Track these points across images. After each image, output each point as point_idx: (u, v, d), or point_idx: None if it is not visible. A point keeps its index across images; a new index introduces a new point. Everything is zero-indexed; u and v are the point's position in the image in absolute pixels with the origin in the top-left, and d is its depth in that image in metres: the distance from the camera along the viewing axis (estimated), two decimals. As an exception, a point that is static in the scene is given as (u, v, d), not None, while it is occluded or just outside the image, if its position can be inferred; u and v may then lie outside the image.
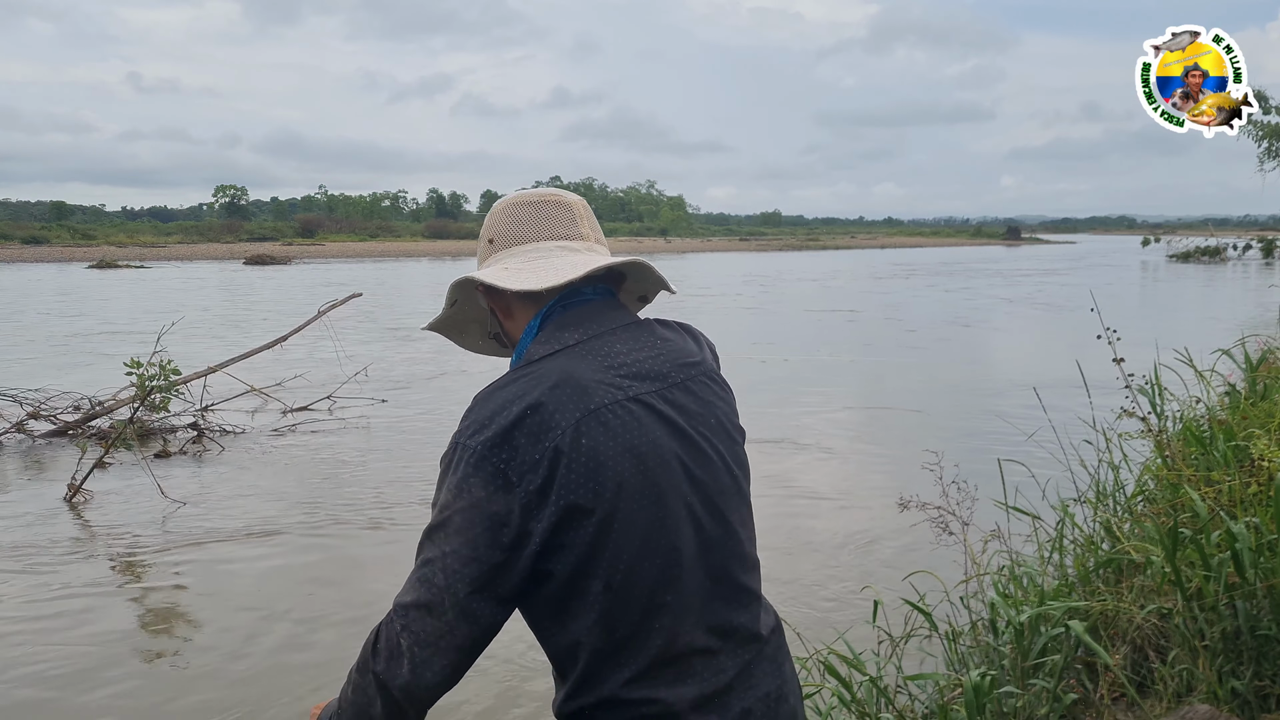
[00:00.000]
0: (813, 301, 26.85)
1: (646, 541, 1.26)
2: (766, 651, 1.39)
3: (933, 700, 3.02)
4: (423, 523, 1.30)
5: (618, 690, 1.27)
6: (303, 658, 4.58)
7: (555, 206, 1.44)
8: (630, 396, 1.30)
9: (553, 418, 1.23)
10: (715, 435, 1.37)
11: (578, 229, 1.45)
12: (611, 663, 1.27)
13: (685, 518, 1.30)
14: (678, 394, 1.35)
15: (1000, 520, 3.81)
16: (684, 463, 1.31)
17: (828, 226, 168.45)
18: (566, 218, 1.44)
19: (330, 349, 12.18)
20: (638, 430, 1.28)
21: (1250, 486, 3.26)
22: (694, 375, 1.40)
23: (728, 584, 1.35)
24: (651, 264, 1.46)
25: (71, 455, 7.83)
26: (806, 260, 60.18)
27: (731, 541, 1.36)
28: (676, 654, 1.28)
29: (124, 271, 43.69)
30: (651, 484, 1.27)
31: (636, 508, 1.25)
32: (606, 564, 1.24)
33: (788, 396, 11.25)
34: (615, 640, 1.27)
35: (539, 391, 1.26)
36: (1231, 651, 2.78)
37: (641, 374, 1.33)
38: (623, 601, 1.26)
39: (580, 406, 1.25)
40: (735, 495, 1.38)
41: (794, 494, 7.22)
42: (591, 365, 1.30)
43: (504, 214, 1.46)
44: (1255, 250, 55.77)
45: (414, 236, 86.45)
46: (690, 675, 1.29)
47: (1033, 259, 59.86)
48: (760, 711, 1.35)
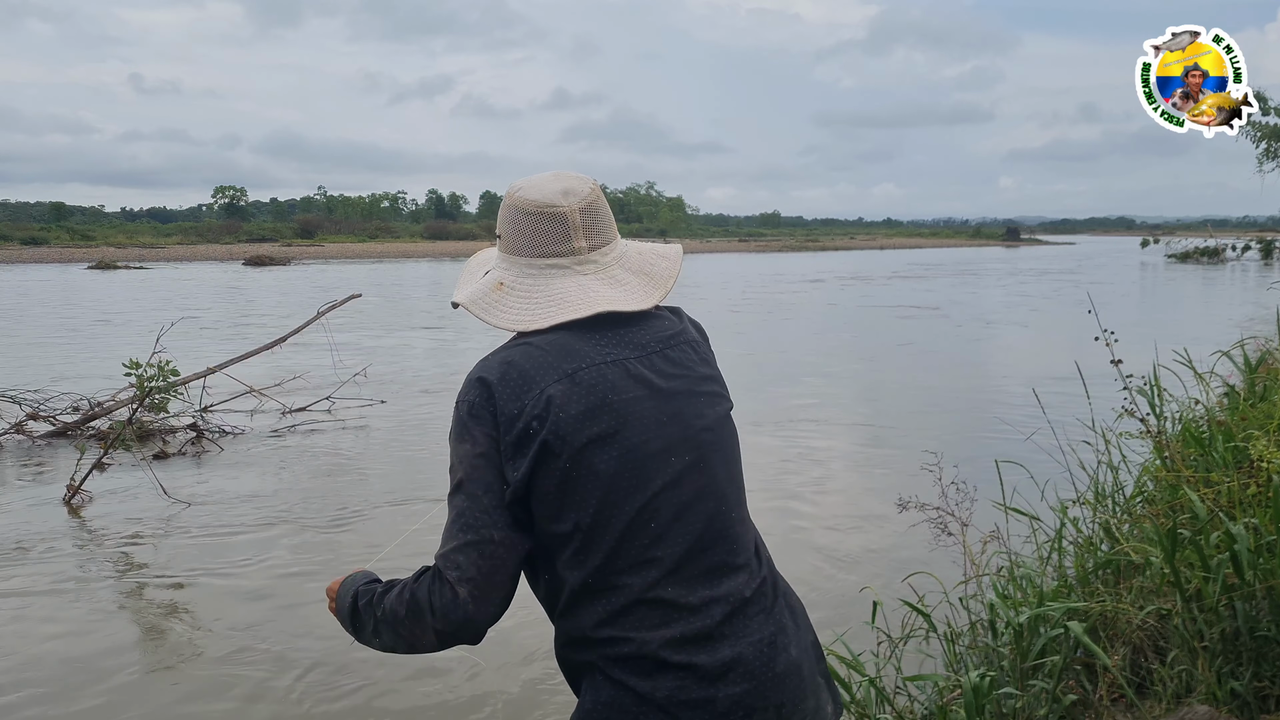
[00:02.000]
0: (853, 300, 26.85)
1: (618, 488, 1.35)
2: (758, 603, 1.42)
3: (932, 701, 3.02)
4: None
5: (592, 630, 1.36)
6: (304, 658, 4.57)
7: (550, 220, 1.45)
8: (609, 360, 1.40)
9: (533, 376, 1.36)
10: (693, 394, 1.45)
11: (570, 244, 1.46)
12: (588, 602, 1.36)
13: (661, 469, 1.38)
14: (656, 359, 1.44)
15: (999, 521, 3.80)
16: (660, 419, 1.39)
17: (827, 227, 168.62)
18: (559, 233, 1.45)
19: (329, 350, 12.18)
20: (611, 388, 1.37)
21: (1249, 488, 3.26)
22: (674, 343, 1.48)
23: (712, 534, 1.41)
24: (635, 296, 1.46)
25: (70, 456, 7.82)
26: (808, 261, 60.17)
27: (713, 494, 1.42)
28: (655, 597, 1.35)
29: (123, 272, 43.67)
30: (624, 434, 1.36)
31: (607, 455, 1.35)
32: (575, 505, 1.34)
33: (788, 397, 11.25)
34: (590, 580, 1.35)
35: (523, 356, 1.38)
36: (1231, 652, 2.78)
37: (624, 343, 1.43)
38: (594, 542, 1.34)
39: (559, 368, 1.37)
40: (715, 449, 1.45)
41: (793, 494, 7.21)
42: (576, 336, 1.40)
43: (507, 215, 1.50)
44: (1254, 251, 55.79)
45: (413, 238, 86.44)
46: (671, 619, 1.35)
47: (1033, 260, 59.89)
48: (752, 657, 1.37)
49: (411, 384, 12.64)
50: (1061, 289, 30.57)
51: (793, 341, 17.45)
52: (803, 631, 1.48)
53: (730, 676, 1.35)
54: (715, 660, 1.34)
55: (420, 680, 4.30)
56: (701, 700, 1.33)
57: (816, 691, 1.45)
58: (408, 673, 4.35)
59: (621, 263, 1.49)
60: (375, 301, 24.81)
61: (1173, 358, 4.97)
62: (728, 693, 1.34)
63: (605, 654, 1.35)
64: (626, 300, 1.44)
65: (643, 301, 1.46)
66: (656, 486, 1.37)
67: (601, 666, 1.36)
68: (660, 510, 1.37)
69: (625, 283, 1.47)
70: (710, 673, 1.34)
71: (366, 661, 4.50)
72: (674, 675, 1.33)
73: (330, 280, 36.14)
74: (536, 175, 1.51)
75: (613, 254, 1.49)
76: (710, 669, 1.34)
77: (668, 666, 1.33)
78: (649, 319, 1.48)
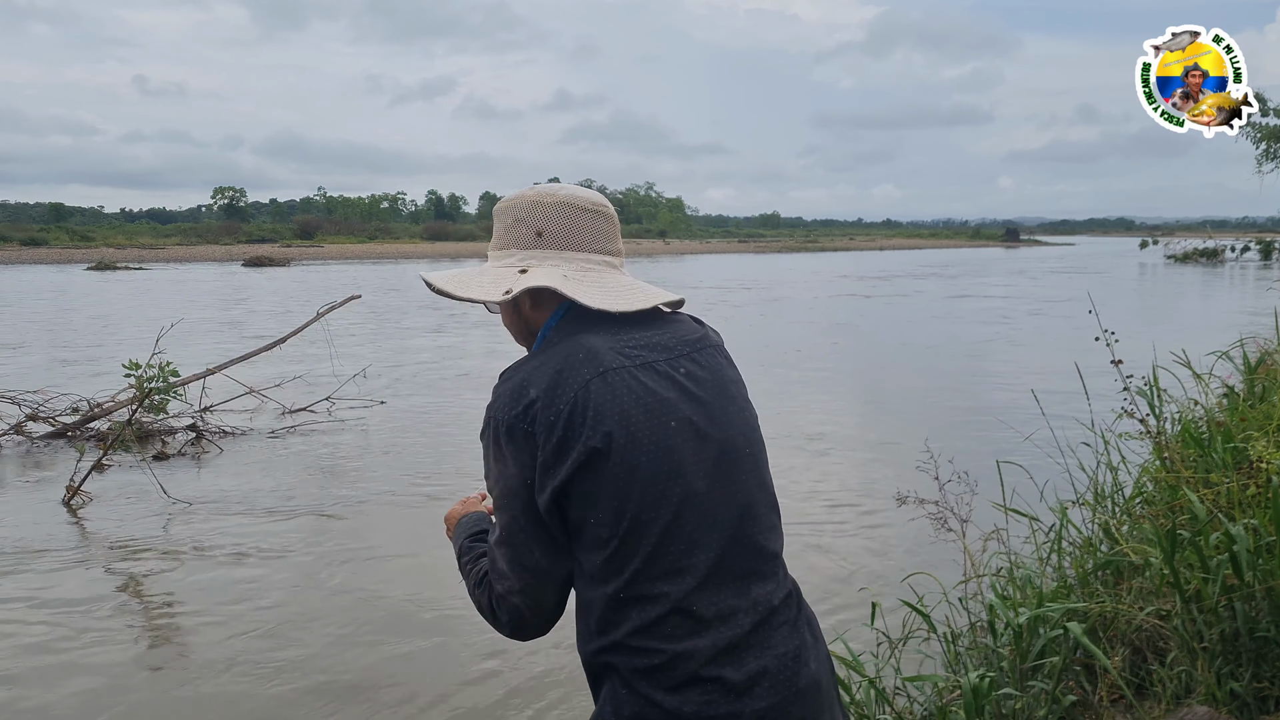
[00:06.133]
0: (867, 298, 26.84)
1: (654, 491, 1.33)
2: (784, 614, 1.42)
3: (931, 702, 3.02)
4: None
5: (625, 638, 1.34)
6: (304, 658, 4.57)
7: (605, 220, 1.50)
8: (639, 364, 1.39)
9: (568, 380, 1.34)
10: (722, 398, 1.45)
11: (618, 244, 1.52)
12: (624, 610, 1.34)
13: (695, 472, 1.36)
14: (684, 363, 1.44)
15: (999, 521, 3.80)
16: (693, 422, 1.39)
17: (826, 228, 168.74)
18: (612, 232, 1.51)
19: (329, 350, 12.18)
20: (645, 390, 1.37)
21: (1249, 488, 3.26)
22: (700, 348, 1.48)
23: (742, 542, 1.40)
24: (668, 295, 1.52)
25: (70, 457, 7.82)
26: (810, 261, 60.18)
27: (744, 500, 1.41)
28: (689, 605, 1.34)
29: (122, 273, 43.67)
30: (660, 438, 1.35)
31: (645, 459, 1.34)
32: (615, 510, 1.33)
33: (787, 398, 11.25)
34: (628, 586, 1.34)
35: (556, 361, 1.37)
36: (1230, 653, 2.78)
37: (650, 346, 1.42)
38: (631, 546, 1.33)
39: (591, 369, 1.35)
40: (747, 455, 1.44)
41: (793, 495, 7.21)
42: (605, 340, 1.40)
43: (559, 212, 1.47)
44: (1253, 252, 55.83)
45: (413, 238, 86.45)
46: (703, 628, 1.34)
47: (1033, 260, 59.88)
48: (777, 670, 1.36)
49: (411, 384, 12.63)
50: (1062, 289, 30.57)
51: (791, 340, 17.44)
52: (820, 645, 1.47)
53: (756, 691, 1.33)
54: (742, 673, 1.33)
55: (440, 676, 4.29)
56: (728, 715, 1.32)
57: (832, 706, 1.44)
58: (415, 668, 4.34)
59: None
60: (375, 302, 24.81)
61: (1171, 358, 4.97)
62: (753, 707, 1.33)
63: (635, 664, 1.33)
64: (667, 295, 1.49)
65: (676, 296, 1.52)
66: (690, 489, 1.36)
67: (627, 676, 1.34)
68: (693, 514, 1.35)
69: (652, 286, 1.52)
70: (737, 686, 1.33)
71: (366, 661, 4.50)
72: (701, 689, 1.32)
73: (329, 281, 36.13)
74: (556, 184, 1.52)
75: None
76: (737, 683, 1.33)
77: (697, 680, 1.32)
78: (673, 323, 1.49)
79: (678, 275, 42.91)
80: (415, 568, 5.72)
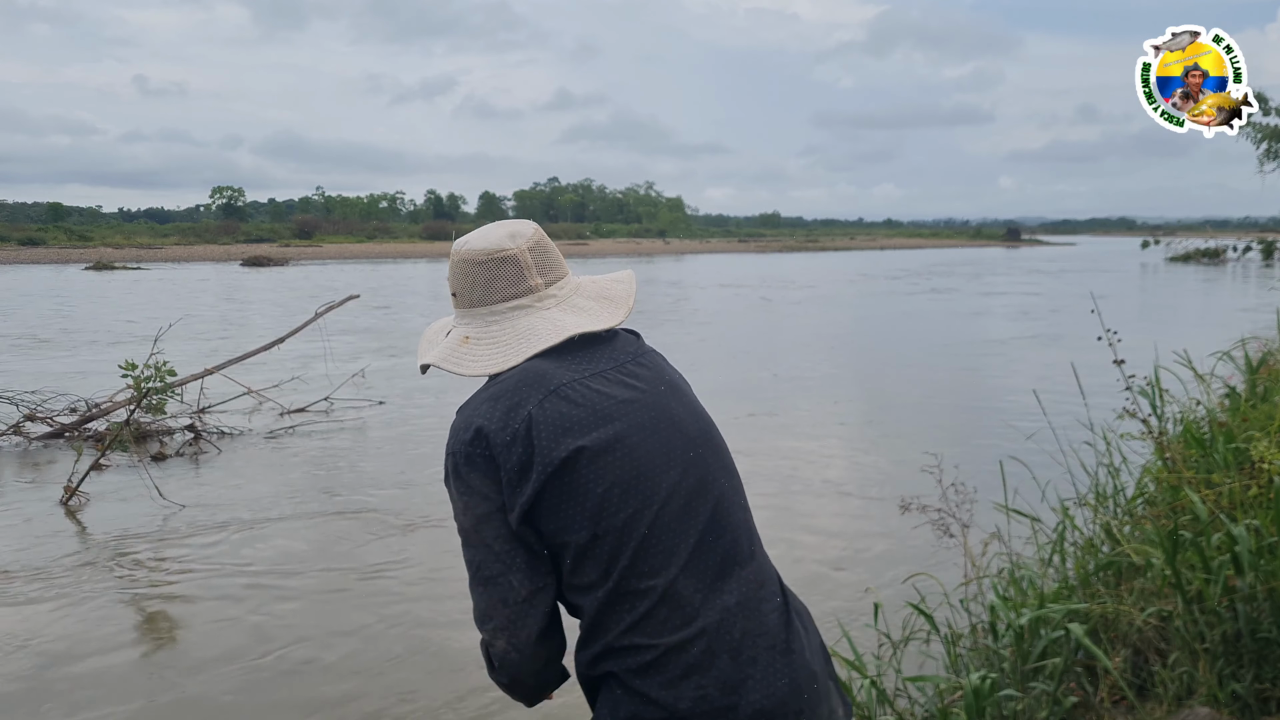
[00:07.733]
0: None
1: (630, 489, 1.37)
2: (770, 600, 1.44)
3: (933, 703, 3.01)
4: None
5: (615, 639, 1.36)
6: (304, 659, 4.56)
7: (501, 265, 1.48)
8: (590, 374, 1.43)
9: (520, 401, 1.38)
10: (674, 393, 1.50)
11: (527, 283, 1.49)
12: (611, 610, 1.37)
13: (660, 465, 1.40)
14: (631, 367, 1.49)
15: (1000, 522, 3.80)
16: (653, 418, 1.43)
17: (827, 228, 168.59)
18: (514, 275, 1.49)
19: (328, 351, 12.17)
20: (601, 397, 1.41)
21: (1250, 489, 3.25)
22: (642, 353, 1.53)
23: (717, 525, 1.43)
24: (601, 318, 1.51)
25: (68, 458, 7.81)
26: (817, 260, 60.21)
27: (715, 489, 1.45)
28: (675, 595, 1.36)
29: (121, 273, 43.64)
30: (621, 437, 1.39)
31: (615, 460, 1.37)
32: (593, 515, 1.35)
33: (787, 398, 11.25)
34: (613, 588, 1.36)
35: (506, 388, 1.40)
36: (1232, 654, 2.77)
37: (595, 358, 1.47)
38: (612, 548, 1.35)
39: (542, 388, 1.39)
40: (709, 444, 1.48)
41: (793, 495, 7.21)
42: (551, 362, 1.43)
43: (460, 271, 1.51)
44: (1255, 252, 55.81)
45: (411, 238, 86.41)
46: (691, 618, 1.36)
47: (1034, 260, 59.91)
48: (765, 661, 1.38)
49: (410, 384, 12.62)
50: (1063, 289, 30.57)
51: (791, 341, 17.43)
52: (811, 634, 1.49)
53: (750, 684, 1.36)
54: (736, 666, 1.36)
55: (435, 677, 4.29)
56: (724, 708, 1.34)
57: (829, 695, 1.46)
58: (415, 668, 4.34)
59: (579, 292, 1.54)
60: (374, 302, 24.79)
61: (1173, 358, 4.96)
62: (749, 699, 1.35)
63: (629, 664, 1.35)
64: (593, 322, 1.49)
65: (609, 320, 1.51)
66: (661, 484, 1.39)
67: (622, 677, 1.36)
68: (668, 506, 1.39)
69: (587, 309, 1.52)
70: (731, 680, 1.35)
71: (365, 662, 4.49)
72: (695, 682, 1.34)
73: (328, 281, 36.12)
74: (478, 229, 1.55)
75: (568, 287, 1.54)
76: (732, 676, 1.35)
77: (692, 670, 1.34)
78: (614, 339, 1.52)
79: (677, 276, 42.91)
80: (415, 568, 5.71)
